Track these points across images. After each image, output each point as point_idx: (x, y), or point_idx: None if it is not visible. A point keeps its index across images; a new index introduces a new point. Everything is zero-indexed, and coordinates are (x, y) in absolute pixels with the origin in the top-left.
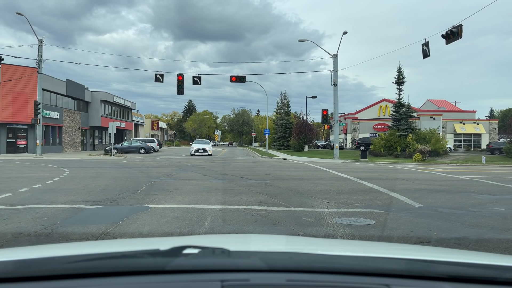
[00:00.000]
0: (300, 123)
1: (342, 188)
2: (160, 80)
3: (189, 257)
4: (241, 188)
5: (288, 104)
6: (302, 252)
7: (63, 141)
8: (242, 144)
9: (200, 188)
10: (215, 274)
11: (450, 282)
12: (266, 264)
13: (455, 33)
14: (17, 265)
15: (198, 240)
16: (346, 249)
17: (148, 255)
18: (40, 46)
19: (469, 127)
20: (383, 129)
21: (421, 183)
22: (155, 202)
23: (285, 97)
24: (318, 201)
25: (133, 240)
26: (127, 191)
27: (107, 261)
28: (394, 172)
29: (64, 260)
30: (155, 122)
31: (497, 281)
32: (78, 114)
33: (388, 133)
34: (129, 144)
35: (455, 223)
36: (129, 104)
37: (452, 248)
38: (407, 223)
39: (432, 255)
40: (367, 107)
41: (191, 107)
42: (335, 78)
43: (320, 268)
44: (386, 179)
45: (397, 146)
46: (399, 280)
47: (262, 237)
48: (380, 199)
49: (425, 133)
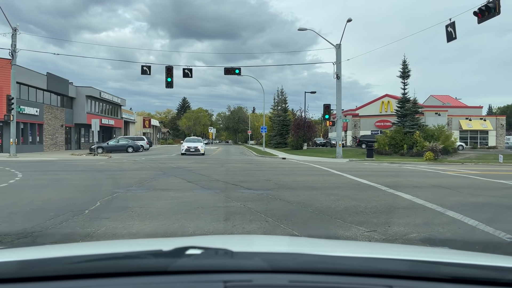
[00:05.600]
0: (299, 120)
1: (375, 204)
2: (148, 73)
3: (192, 257)
4: (235, 205)
5: (285, 101)
6: (305, 253)
7: (44, 140)
8: (237, 142)
9: (177, 205)
10: (218, 274)
11: (453, 283)
12: (269, 265)
13: (491, 9)
14: (21, 266)
15: (201, 240)
16: (349, 250)
17: (151, 256)
18: (14, 35)
19: (476, 123)
20: (385, 126)
21: (471, 193)
22: (98, 236)
23: (282, 93)
24: (352, 230)
25: (136, 241)
26: (70, 210)
27: (110, 261)
28: (422, 176)
29: (68, 260)
30: (147, 120)
31: (500, 283)
32: (61, 111)
33: (393, 130)
34: (116, 142)
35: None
36: (118, 100)
37: None
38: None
39: (435, 256)
40: (368, 103)
41: (185, 104)
42: (337, 71)
43: (323, 269)
44: (420, 187)
45: (403, 144)
46: (402, 281)
47: (265, 238)
48: (440, 224)
49: (433, 130)
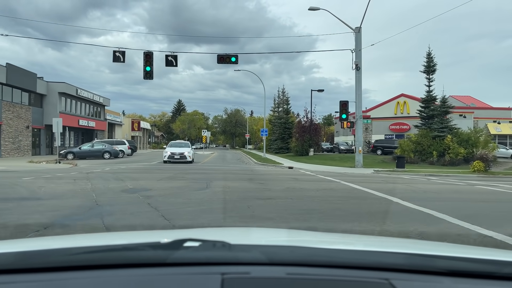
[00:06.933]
0: (304, 122)
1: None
2: (121, 60)
3: (190, 250)
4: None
5: (287, 101)
6: (302, 246)
7: (2, 144)
8: (235, 147)
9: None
10: (216, 267)
11: (450, 276)
12: (267, 258)
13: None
14: (19, 257)
15: (199, 233)
16: (347, 242)
17: (149, 248)
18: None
19: (505, 127)
20: (401, 130)
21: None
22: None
23: (283, 94)
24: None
25: (134, 233)
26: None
27: (108, 253)
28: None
29: (66, 252)
30: (135, 122)
31: (496, 276)
32: (27, 109)
33: (419, 134)
34: (91, 147)
35: None
36: (101, 99)
37: None
38: None
39: (432, 250)
40: (381, 104)
41: (180, 107)
42: (357, 59)
43: (320, 262)
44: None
45: (432, 150)
46: (399, 274)
47: (263, 231)
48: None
49: (469, 134)
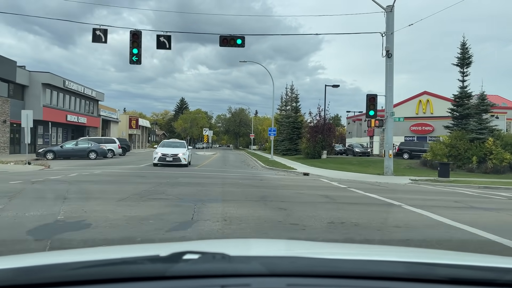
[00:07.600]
0: (317, 121)
1: None
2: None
3: (189, 262)
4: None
5: (296, 99)
6: (302, 257)
7: None
8: (238, 147)
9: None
10: (216, 279)
11: (451, 284)
12: (267, 269)
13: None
14: (17, 273)
15: (198, 245)
16: (347, 252)
17: (148, 261)
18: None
19: None
20: (424, 131)
21: None
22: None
23: (292, 91)
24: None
25: (133, 246)
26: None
27: (107, 267)
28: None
29: (65, 267)
30: (133, 119)
31: (497, 283)
32: (4, 101)
33: (452, 136)
34: (74, 145)
35: None
36: (93, 93)
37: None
38: None
39: (432, 258)
40: (400, 102)
41: (183, 105)
42: (389, 44)
43: (321, 272)
44: None
45: (471, 155)
46: (399, 283)
47: (263, 242)
48: None
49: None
